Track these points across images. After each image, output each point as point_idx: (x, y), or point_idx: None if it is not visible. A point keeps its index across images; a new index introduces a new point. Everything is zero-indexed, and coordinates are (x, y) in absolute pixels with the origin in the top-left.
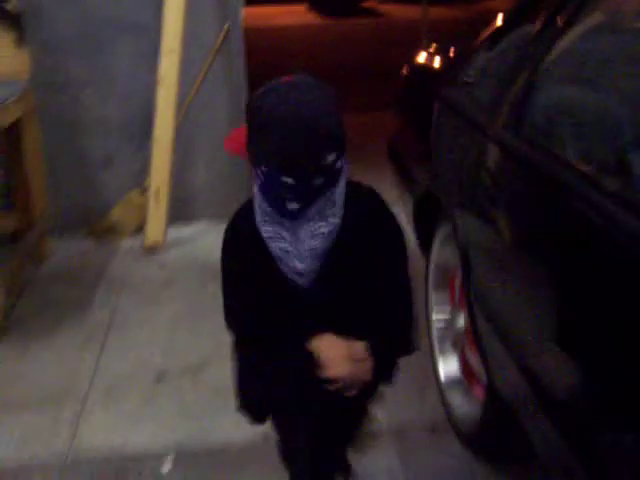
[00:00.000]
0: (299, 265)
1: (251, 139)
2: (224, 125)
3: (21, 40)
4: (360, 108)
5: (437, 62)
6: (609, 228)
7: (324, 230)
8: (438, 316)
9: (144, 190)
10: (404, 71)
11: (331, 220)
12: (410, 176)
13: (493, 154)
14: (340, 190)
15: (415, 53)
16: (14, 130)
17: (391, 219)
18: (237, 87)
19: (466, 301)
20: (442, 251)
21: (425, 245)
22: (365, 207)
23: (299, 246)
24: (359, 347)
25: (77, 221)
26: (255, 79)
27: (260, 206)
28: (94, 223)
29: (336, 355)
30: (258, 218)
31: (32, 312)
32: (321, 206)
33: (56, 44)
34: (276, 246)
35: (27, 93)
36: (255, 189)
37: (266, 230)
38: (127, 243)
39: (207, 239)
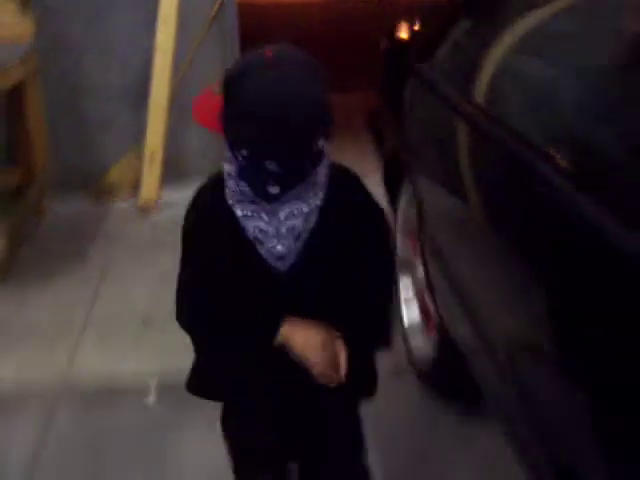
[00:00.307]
0: (279, 246)
1: (229, 122)
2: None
3: (26, 6)
4: (361, 87)
5: (413, 36)
6: (547, 191)
7: (305, 209)
8: (404, 265)
9: (140, 153)
10: (382, 45)
11: (312, 201)
12: (382, 142)
13: (445, 120)
14: (322, 171)
15: (394, 27)
16: (17, 92)
17: (375, 206)
18: (230, 58)
19: (421, 253)
20: (406, 208)
21: (393, 202)
22: (349, 192)
23: (278, 226)
24: (333, 332)
25: (76, 181)
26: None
27: (235, 186)
28: (92, 183)
29: (308, 339)
30: (231, 198)
31: (32, 261)
32: (303, 188)
33: (59, 10)
34: (253, 226)
35: (30, 56)
36: (228, 168)
37: (242, 209)
38: (123, 203)
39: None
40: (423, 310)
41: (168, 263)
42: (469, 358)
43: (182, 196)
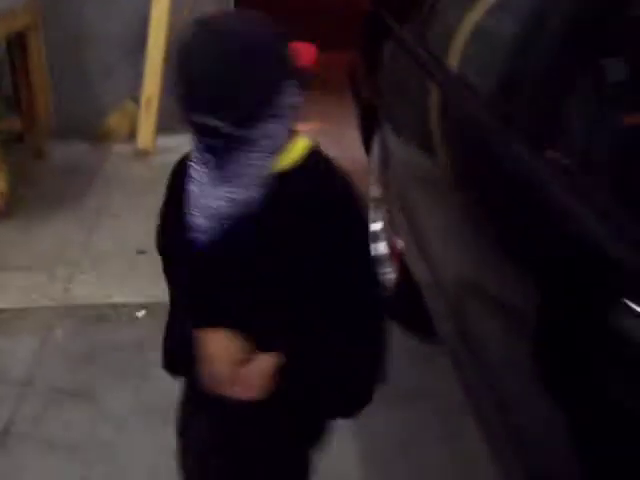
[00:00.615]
0: (195, 218)
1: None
2: None
3: None
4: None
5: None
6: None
7: (233, 196)
8: (374, 203)
9: (137, 100)
10: (365, 7)
11: (243, 190)
12: (360, 95)
13: (407, 73)
14: (261, 162)
15: None
16: (20, 41)
17: (348, 211)
18: (226, 7)
19: (386, 193)
20: (378, 153)
21: (367, 148)
22: (315, 188)
23: (203, 199)
24: (265, 361)
25: (75, 126)
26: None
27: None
28: (91, 129)
29: (219, 351)
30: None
31: (34, 200)
32: (236, 171)
33: None
34: (189, 188)
35: (33, 5)
36: None
37: (192, 170)
38: (120, 147)
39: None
40: (388, 241)
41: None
42: (423, 289)
43: (177, 142)
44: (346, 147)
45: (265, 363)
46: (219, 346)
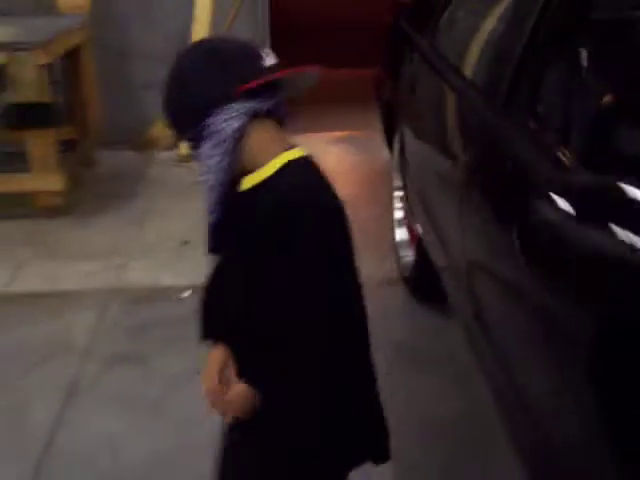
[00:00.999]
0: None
1: None
2: None
3: None
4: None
5: (406, 14)
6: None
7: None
8: (397, 194)
9: None
10: (387, 21)
11: (208, 204)
12: (382, 99)
13: (422, 76)
14: (212, 181)
15: (395, 7)
16: (74, 57)
17: (298, 236)
18: (261, 28)
19: (404, 184)
20: (397, 149)
21: (389, 144)
22: (265, 196)
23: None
24: (236, 388)
25: (122, 135)
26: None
27: None
28: (136, 137)
29: (208, 370)
30: None
31: (87, 201)
32: (204, 186)
33: None
34: None
35: (86, 25)
36: None
37: None
38: (162, 155)
39: None
40: (409, 227)
41: (202, 201)
42: (437, 269)
43: None
44: (372, 149)
45: (239, 389)
46: (211, 364)
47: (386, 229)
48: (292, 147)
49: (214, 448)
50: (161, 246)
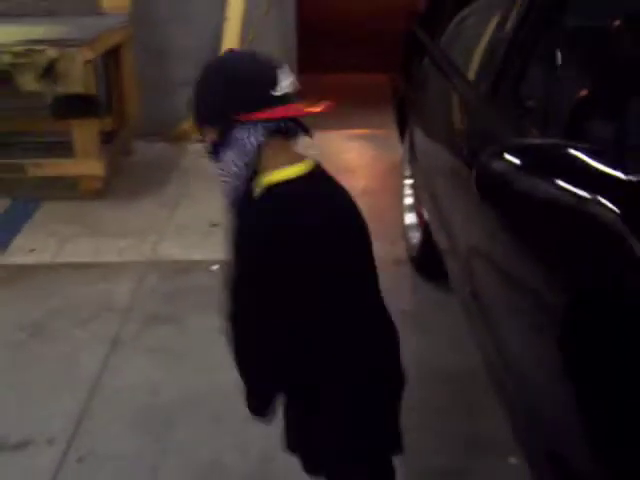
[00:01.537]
0: None
1: None
2: (280, 58)
3: None
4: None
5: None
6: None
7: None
8: (407, 182)
9: None
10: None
11: (226, 180)
12: (397, 98)
13: (427, 75)
14: (225, 184)
15: (410, 16)
16: (115, 54)
17: (241, 253)
18: (289, 29)
19: (412, 172)
20: (407, 143)
21: (402, 137)
22: (247, 213)
23: None
24: None
25: (157, 127)
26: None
27: None
28: (170, 129)
29: None
30: None
31: (124, 187)
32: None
33: None
34: None
35: (126, 25)
36: None
37: None
38: (193, 146)
39: None
40: (417, 212)
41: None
42: (442, 253)
43: None
44: (389, 145)
45: None
46: None
47: (398, 215)
48: (300, 159)
49: (234, 391)
50: (192, 227)
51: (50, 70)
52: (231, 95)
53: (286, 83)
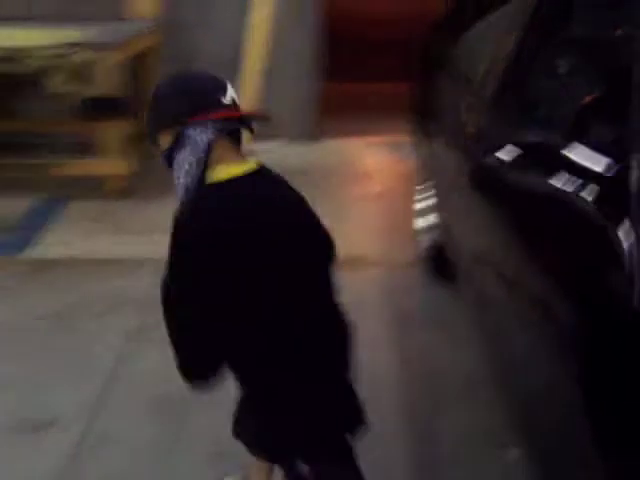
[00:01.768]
0: None
1: None
2: (303, 64)
3: None
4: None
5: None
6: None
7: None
8: (419, 188)
9: None
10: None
11: (179, 178)
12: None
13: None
14: (184, 164)
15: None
16: (142, 58)
17: (172, 249)
18: (312, 36)
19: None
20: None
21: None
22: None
23: None
24: None
25: None
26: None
27: None
28: None
29: None
30: None
31: (148, 185)
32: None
33: None
34: None
35: (155, 29)
36: None
37: None
38: None
39: (279, 152)
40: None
41: None
42: (451, 258)
43: (270, 146)
44: (405, 153)
45: None
46: None
47: (411, 218)
48: (246, 159)
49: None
50: None
51: (81, 72)
52: (184, 100)
53: (231, 93)
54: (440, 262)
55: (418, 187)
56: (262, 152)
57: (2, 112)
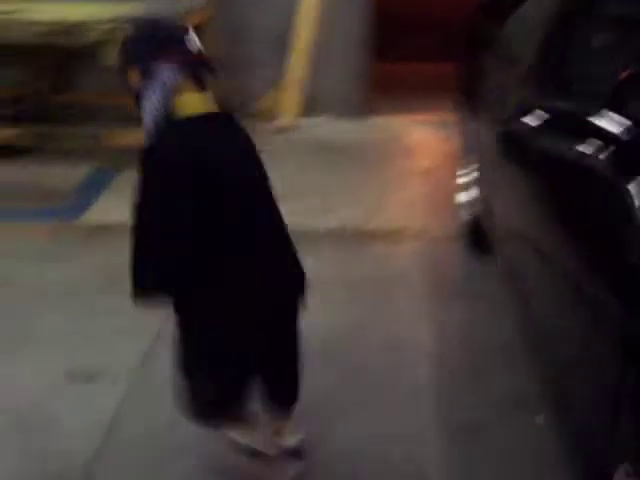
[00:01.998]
0: None
1: None
2: (352, 41)
3: None
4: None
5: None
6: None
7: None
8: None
9: (282, 87)
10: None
11: (145, 109)
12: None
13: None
14: (146, 101)
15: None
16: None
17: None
18: (365, 14)
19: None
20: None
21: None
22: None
23: None
24: None
25: (233, 106)
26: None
27: None
28: (243, 109)
29: None
30: None
31: None
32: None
33: None
34: None
35: (206, 6)
36: None
37: None
38: (264, 126)
39: (326, 127)
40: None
41: (295, 164)
42: (488, 231)
43: (315, 122)
44: (449, 131)
45: None
46: None
47: (453, 194)
48: (209, 102)
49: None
50: None
51: None
52: (152, 42)
53: (195, 40)
54: (479, 235)
55: (461, 163)
56: (310, 127)
57: (60, 84)
